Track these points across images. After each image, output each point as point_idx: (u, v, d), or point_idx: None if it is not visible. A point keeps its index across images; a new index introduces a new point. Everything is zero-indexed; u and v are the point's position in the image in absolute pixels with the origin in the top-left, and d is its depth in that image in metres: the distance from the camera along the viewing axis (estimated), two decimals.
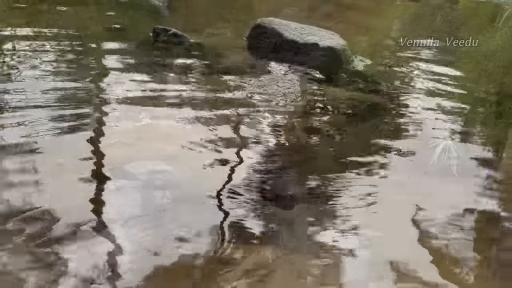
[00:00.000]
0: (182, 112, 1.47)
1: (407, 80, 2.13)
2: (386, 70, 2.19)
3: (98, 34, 2.10)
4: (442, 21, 3.57)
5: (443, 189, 1.27)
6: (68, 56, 1.82)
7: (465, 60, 2.59)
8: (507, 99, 2.05)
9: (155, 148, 1.26)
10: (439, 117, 1.75)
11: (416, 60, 2.46)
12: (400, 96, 1.89)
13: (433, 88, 2.09)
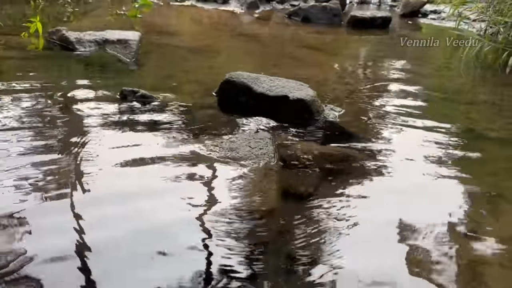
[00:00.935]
0: (145, 180, 1.42)
1: (379, 125, 2.13)
2: (357, 117, 2.19)
3: (64, 92, 2.04)
4: (408, 56, 3.65)
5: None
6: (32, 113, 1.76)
7: (434, 98, 2.63)
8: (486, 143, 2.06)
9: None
10: (414, 168, 1.74)
11: (386, 100, 2.48)
12: (373, 146, 1.88)
13: (406, 131, 2.10)
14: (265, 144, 1.70)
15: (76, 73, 2.39)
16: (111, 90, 2.17)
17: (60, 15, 3.84)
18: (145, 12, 4.27)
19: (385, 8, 6.50)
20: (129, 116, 1.90)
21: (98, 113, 1.92)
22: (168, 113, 1.96)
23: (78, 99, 2.04)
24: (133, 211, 1.27)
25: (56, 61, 2.59)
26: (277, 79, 2.26)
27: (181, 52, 3.01)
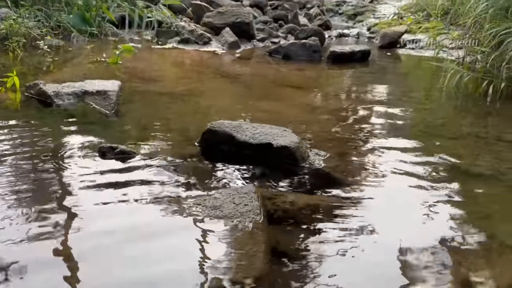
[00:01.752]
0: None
1: (365, 168, 2.10)
2: (342, 160, 2.16)
3: (40, 151, 1.97)
4: (389, 89, 3.68)
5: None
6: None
7: (418, 133, 2.62)
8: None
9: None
10: (402, 215, 1.69)
11: (370, 139, 2.46)
12: (361, 193, 1.83)
13: (391, 171, 2.07)
14: (250, 199, 1.64)
15: (53, 130, 2.33)
16: (89, 146, 2.11)
17: (39, 65, 3.81)
18: (127, 56, 4.27)
19: (364, 40, 6.64)
20: (107, 175, 1.83)
21: (75, 173, 1.85)
22: (148, 170, 1.89)
23: (54, 159, 1.97)
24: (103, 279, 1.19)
25: (34, 117, 2.52)
26: (260, 126, 2.22)
27: (163, 99, 2.98)
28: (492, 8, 3.70)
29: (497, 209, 1.79)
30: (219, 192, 1.71)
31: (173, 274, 1.26)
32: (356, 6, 8.46)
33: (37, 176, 1.81)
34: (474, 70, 3.79)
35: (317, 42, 4.97)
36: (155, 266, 1.29)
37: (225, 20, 5.59)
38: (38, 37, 4.49)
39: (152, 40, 5.34)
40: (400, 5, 8.40)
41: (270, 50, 4.98)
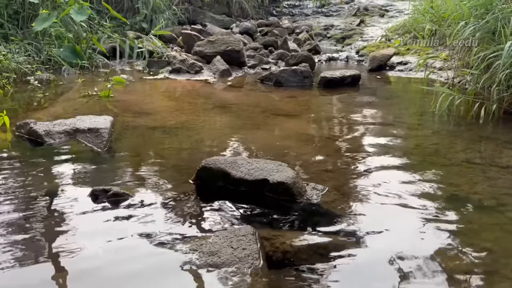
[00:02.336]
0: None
1: (362, 201, 2.07)
2: (340, 193, 2.13)
3: (30, 195, 1.92)
4: (381, 115, 3.69)
5: None
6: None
7: (413, 162, 2.60)
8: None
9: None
10: (403, 251, 1.66)
11: (365, 170, 2.44)
12: (359, 229, 1.80)
13: (389, 204, 2.04)
14: (248, 242, 1.60)
15: (44, 172, 2.28)
16: (82, 189, 2.07)
17: (30, 101, 3.78)
18: (119, 88, 4.26)
19: (353, 63, 6.71)
20: (99, 221, 1.78)
21: (66, 219, 1.80)
22: (142, 214, 1.85)
23: (45, 204, 1.92)
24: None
25: (24, 158, 2.48)
26: (255, 161, 2.20)
27: (156, 134, 2.95)
28: (479, 31, 3.77)
29: (498, 242, 1.76)
30: (216, 235, 1.67)
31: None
32: (344, 30, 8.59)
33: (27, 223, 1.76)
34: (465, 93, 3.82)
35: (308, 68, 5.00)
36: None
37: (215, 49, 5.63)
38: (28, 72, 4.48)
39: (143, 70, 5.35)
40: (387, 27, 8.55)
41: (261, 77, 5.00)
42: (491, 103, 3.52)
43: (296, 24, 9.09)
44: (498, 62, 3.47)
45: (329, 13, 10.60)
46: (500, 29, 3.59)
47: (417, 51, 6.58)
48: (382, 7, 10.52)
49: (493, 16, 3.67)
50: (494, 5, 3.74)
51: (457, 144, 2.92)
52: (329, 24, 9.09)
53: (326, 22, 9.36)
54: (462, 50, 4.27)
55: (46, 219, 1.79)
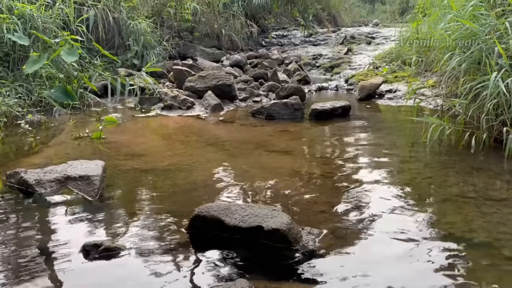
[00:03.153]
0: None
1: (359, 245, 2.05)
2: (336, 238, 2.11)
3: (18, 251, 1.87)
4: (372, 148, 3.70)
5: None
6: None
7: (408, 200, 2.60)
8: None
9: None
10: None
11: (360, 210, 2.43)
12: (359, 277, 1.77)
13: (386, 246, 2.02)
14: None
15: (34, 224, 2.24)
16: (72, 243, 2.03)
17: (21, 145, 3.75)
18: (110, 128, 4.25)
19: (343, 92, 6.79)
20: (90, 278, 1.74)
21: (56, 278, 1.75)
22: (134, 269, 1.81)
23: (34, 261, 1.87)
24: None
25: (14, 209, 2.44)
26: (249, 206, 2.18)
27: (148, 178, 2.93)
28: (465, 62, 3.85)
29: (497, 284, 1.74)
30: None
31: None
32: (332, 59, 8.74)
33: (16, 283, 1.71)
34: (455, 122, 3.86)
35: (298, 101, 5.05)
36: None
37: (207, 84, 5.68)
38: (19, 115, 4.47)
39: (135, 107, 5.36)
40: (374, 54, 8.72)
41: (253, 111, 5.03)
42: (481, 132, 3.55)
43: (285, 55, 9.24)
44: (485, 92, 3.52)
45: (317, 42, 10.82)
46: (485, 60, 3.67)
47: (405, 78, 6.69)
48: (369, 35, 10.76)
49: (478, 47, 3.75)
50: (478, 36, 3.83)
51: (450, 177, 2.93)
52: (317, 53, 9.25)
53: (315, 51, 9.53)
54: (449, 79, 4.34)
55: (35, 278, 1.74)
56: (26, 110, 4.56)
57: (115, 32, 6.93)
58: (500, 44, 3.64)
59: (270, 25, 11.90)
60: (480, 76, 3.72)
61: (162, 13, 8.20)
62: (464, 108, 3.78)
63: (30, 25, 5.42)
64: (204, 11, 8.64)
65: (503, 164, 3.17)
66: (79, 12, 6.46)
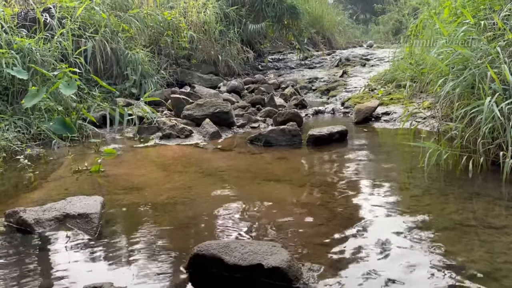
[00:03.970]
0: None
1: (359, 282, 2.04)
2: (336, 274, 2.10)
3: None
4: (370, 175, 3.72)
5: None
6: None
7: (407, 229, 2.59)
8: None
9: None
10: None
11: (360, 243, 2.42)
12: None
13: (391, 281, 2.01)
14: None
15: (33, 267, 2.22)
16: (72, 286, 2.01)
17: (20, 181, 3.75)
18: (109, 160, 4.26)
19: (339, 115, 6.85)
20: None
21: None
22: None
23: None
24: None
25: (13, 250, 2.42)
26: (249, 243, 2.18)
27: (147, 213, 2.93)
28: (459, 87, 3.90)
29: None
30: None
31: None
32: (328, 82, 8.84)
33: None
34: (451, 145, 3.88)
35: (295, 127, 5.08)
36: None
37: (204, 112, 5.73)
38: (18, 149, 4.48)
39: (134, 137, 5.39)
40: (369, 76, 8.83)
41: (251, 138, 5.06)
42: (478, 156, 3.57)
43: (282, 79, 9.35)
44: (480, 117, 3.56)
45: (313, 65, 10.97)
46: (478, 84, 3.72)
47: (401, 100, 6.76)
48: (363, 57, 10.92)
49: (470, 72, 3.81)
50: (470, 61, 3.90)
51: (449, 204, 2.93)
52: (313, 76, 9.36)
53: (310, 74, 9.65)
54: (444, 103, 4.39)
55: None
56: (25, 145, 4.57)
57: (113, 62, 7.02)
58: (492, 69, 3.70)
59: (266, 49, 12.07)
60: (474, 101, 3.76)
61: (160, 41, 8.32)
62: (460, 132, 3.81)
63: (28, 59, 5.50)
64: (201, 39, 8.78)
65: (501, 189, 3.18)
66: (77, 43, 6.56)
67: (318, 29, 13.69)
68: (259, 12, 10.27)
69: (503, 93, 3.59)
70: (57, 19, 6.48)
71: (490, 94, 3.57)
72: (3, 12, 5.83)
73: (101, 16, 6.88)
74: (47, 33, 6.18)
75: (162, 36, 8.31)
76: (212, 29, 8.92)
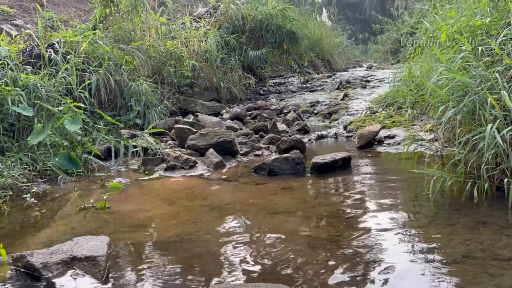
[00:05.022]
0: None
1: None
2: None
3: None
4: (376, 202, 3.72)
5: None
6: None
7: (418, 264, 2.58)
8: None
9: None
10: None
11: (369, 278, 2.41)
12: None
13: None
14: None
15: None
16: None
17: (27, 220, 3.77)
18: (115, 195, 4.29)
19: (342, 139, 6.87)
20: None
21: None
22: None
23: None
24: None
25: None
26: (256, 286, 2.17)
27: (153, 252, 2.94)
28: (459, 114, 3.93)
29: None
30: None
31: None
32: (329, 105, 8.90)
33: None
34: (455, 171, 3.89)
35: (299, 155, 5.11)
36: None
37: (208, 141, 5.78)
38: (24, 187, 4.52)
39: (139, 169, 5.42)
40: (371, 98, 8.89)
41: (255, 167, 5.08)
42: (483, 182, 3.57)
43: (284, 103, 9.43)
44: (483, 143, 3.57)
45: (314, 88, 11.07)
46: (479, 111, 3.75)
47: (403, 123, 6.79)
48: (363, 78, 11.02)
49: (470, 99, 3.84)
50: (470, 88, 3.94)
51: (455, 235, 2.92)
52: (314, 100, 9.44)
53: (312, 98, 9.73)
54: (446, 129, 4.41)
55: None
56: (31, 184, 4.60)
57: (117, 93, 7.11)
58: (492, 94, 3.73)
59: (267, 73, 12.21)
60: (476, 127, 3.79)
61: (162, 71, 8.45)
62: (463, 158, 3.82)
63: (34, 95, 5.60)
64: (203, 67, 8.91)
65: (507, 217, 3.17)
66: (81, 77, 6.67)
67: (317, 52, 13.86)
68: (259, 39, 10.44)
69: (504, 119, 3.61)
70: (61, 55, 6.61)
71: (491, 121, 3.60)
72: (9, 50, 5.96)
73: (104, 49, 7.02)
74: (52, 68, 6.30)
75: (164, 66, 8.45)
76: (214, 57, 9.06)
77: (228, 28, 10.33)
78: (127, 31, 8.24)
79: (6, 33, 7.74)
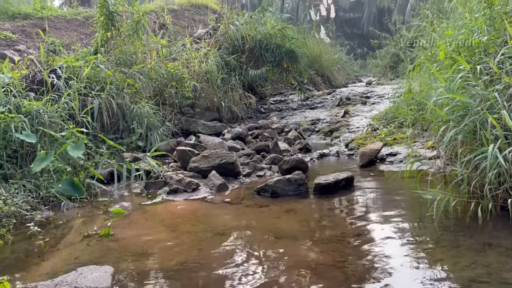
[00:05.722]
0: None
1: None
2: None
3: None
4: (378, 225, 3.70)
5: None
6: None
7: (420, 285, 2.57)
8: None
9: None
10: None
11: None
12: None
13: None
14: None
15: None
16: None
17: (31, 249, 3.76)
18: (118, 221, 4.28)
19: (344, 157, 6.87)
20: None
21: None
22: None
23: None
24: None
25: None
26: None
27: (156, 281, 2.93)
28: (460, 134, 3.94)
29: None
30: None
31: None
32: (330, 123, 8.93)
33: None
34: (459, 191, 3.88)
35: (301, 175, 5.11)
36: None
37: (210, 163, 5.79)
38: (27, 214, 4.52)
39: (141, 193, 5.42)
40: (371, 115, 8.92)
41: (257, 189, 5.08)
42: (487, 202, 3.56)
43: (285, 121, 9.47)
44: (485, 163, 3.57)
45: (314, 105, 11.12)
46: (480, 131, 3.76)
47: (404, 140, 6.80)
48: (363, 95, 11.08)
49: (471, 119, 3.86)
50: (470, 108, 3.96)
51: (461, 258, 2.90)
52: (315, 118, 9.47)
53: (313, 116, 9.77)
54: (447, 149, 4.41)
55: None
56: (35, 212, 4.60)
57: (120, 117, 7.17)
58: (492, 114, 3.75)
59: (268, 91, 12.28)
60: (477, 147, 3.79)
61: (164, 92, 8.52)
62: (466, 178, 3.81)
63: (37, 121, 5.64)
64: (204, 87, 8.98)
65: None
66: (83, 101, 6.73)
67: (317, 69, 13.97)
68: (258, 58, 10.54)
69: (506, 138, 3.62)
70: (63, 80, 6.68)
71: (492, 140, 3.61)
72: (12, 77, 6.03)
73: (106, 73, 7.10)
74: (54, 94, 6.36)
75: (166, 88, 8.52)
76: (214, 77, 9.14)
77: (228, 48, 10.45)
78: (128, 54, 8.35)
79: (9, 59, 7.86)
